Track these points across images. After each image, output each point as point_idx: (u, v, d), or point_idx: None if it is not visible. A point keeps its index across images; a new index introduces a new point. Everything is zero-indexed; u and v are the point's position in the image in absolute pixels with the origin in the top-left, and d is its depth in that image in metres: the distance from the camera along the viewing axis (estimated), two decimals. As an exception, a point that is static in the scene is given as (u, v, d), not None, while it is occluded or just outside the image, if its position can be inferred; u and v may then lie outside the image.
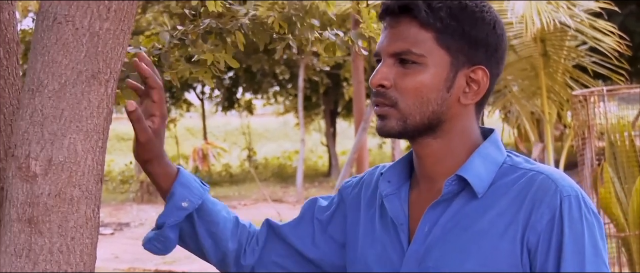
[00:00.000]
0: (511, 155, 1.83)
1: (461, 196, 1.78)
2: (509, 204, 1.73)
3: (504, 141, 20.65)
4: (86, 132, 1.70)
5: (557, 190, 1.71)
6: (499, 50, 1.81)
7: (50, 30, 1.69)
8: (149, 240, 1.99)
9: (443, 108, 1.77)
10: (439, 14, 1.75)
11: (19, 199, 1.69)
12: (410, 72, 1.76)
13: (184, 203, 1.95)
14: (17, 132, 1.71)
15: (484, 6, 1.80)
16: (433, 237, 1.78)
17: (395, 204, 1.86)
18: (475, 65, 1.78)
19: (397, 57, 1.77)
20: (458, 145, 1.81)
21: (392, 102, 1.77)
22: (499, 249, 1.71)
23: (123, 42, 1.74)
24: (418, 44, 1.75)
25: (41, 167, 1.68)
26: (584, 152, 6.70)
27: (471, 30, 1.77)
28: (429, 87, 1.75)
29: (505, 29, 1.83)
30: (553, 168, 1.80)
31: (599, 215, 1.75)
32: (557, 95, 11.52)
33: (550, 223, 1.69)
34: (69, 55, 1.69)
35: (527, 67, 11.58)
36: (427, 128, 1.78)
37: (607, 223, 6.53)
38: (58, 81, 1.68)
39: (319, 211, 2.03)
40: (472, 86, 1.79)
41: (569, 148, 12.12)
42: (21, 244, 1.69)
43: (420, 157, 1.84)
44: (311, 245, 2.02)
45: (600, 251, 1.71)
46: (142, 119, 1.80)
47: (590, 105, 6.62)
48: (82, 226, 1.72)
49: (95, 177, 1.74)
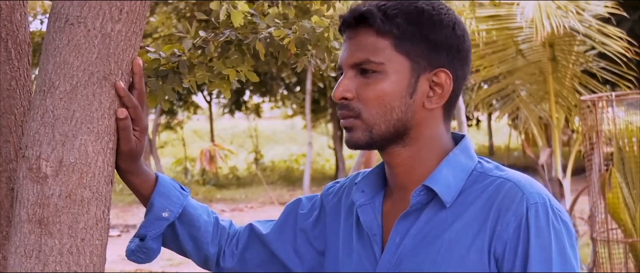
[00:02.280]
0: (482, 162, 1.81)
1: (431, 205, 1.77)
2: (477, 213, 1.72)
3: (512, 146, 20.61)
4: (97, 133, 1.71)
5: (524, 198, 1.69)
6: (462, 51, 1.79)
7: (62, 31, 1.70)
8: (132, 252, 1.99)
9: (408, 115, 1.76)
10: (395, 21, 1.74)
11: (29, 200, 1.69)
12: (371, 81, 1.75)
13: (164, 214, 1.94)
14: (28, 133, 1.71)
15: (442, 9, 1.78)
16: (404, 248, 1.77)
17: (369, 215, 1.85)
18: (437, 69, 1.76)
19: (358, 68, 1.76)
20: (428, 152, 1.80)
21: (356, 113, 1.76)
22: (468, 260, 1.70)
23: (135, 44, 1.75)
24: (376, 52, 1.74)
25: (52, 168, 1.68)
26: (592, 157, 6.68)
27: (430, 34, 1.75)
28: (391, 94, 1.75)
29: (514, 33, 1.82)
30: (522, 175, 1.77)
31: (569, 222, 1.72)
32: (565, 100, 11.50)
33: (516, 232, 1.67)
34: (81, 56, 1.69)
35: (536, 71, 11.57)
36: (394, 136, 1.77)
37: (615, 229, 6.51)
38: (69, 82, 1.68)
39: (301, 218, 2.03)
40: (436, 90, 1.77)
41: (577, 153, 12.09)
42: (31, 245, 1.69)
43: (391, 166, 1.83)
44: (292, 253, 2.02)
45: (568, 259, 1.68)
46: (129, 129, 1.78)
47: (599, 110, 6.60)
48: (92, 227, 1.72)
49: (106, 179, 1.74)
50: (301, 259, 2.01)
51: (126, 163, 1.84)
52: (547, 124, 12.04)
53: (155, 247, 1.99)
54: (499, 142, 29.56)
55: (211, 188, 20.87)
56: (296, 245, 2.01)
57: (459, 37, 1.78)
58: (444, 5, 1.80)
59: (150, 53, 2.10)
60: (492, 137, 28.13)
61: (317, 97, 25.31)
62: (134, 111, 1.78)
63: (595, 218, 6.65)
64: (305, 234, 2.01)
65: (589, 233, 8.72)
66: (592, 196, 6.71)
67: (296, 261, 2.01)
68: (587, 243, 10.70)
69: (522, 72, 11.74)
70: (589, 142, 6.77)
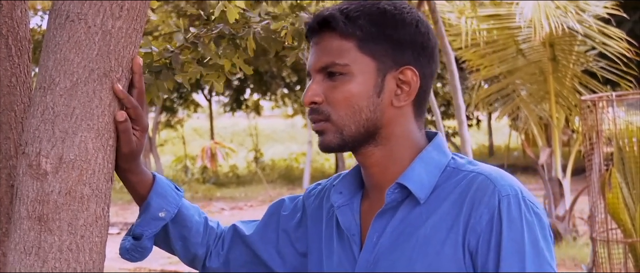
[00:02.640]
0: (455, 158, 1.83)
1: (406, 203, 1.78)
2: (450, 207, 1.73)
3: (512, 146, 20.61)
4: (97, 130, 1.70)
5: (496, 190, 1.70)
6: (427, 48, 1.81)
7: (62, 28, 1.69)
8: (126, 250, 1.99)
9: (377, 114, 1.77)
10: (358, 23, 1.76)
11: (29, 197, 1.69)
12: (338, 83, 1.76)
13: (161, 214, 1.95)
14: (28, 129, 1.71)
15: (404, 8, 1.80)
16: (381, 246, 1.78)
17: (348, 215, 1.86)
18: (403, 67, 1.78)
19: (325, 72, 1.78)
20: (401, 150, 1.81)
21: (325, 117, 1.78)
22: (443, 254, 1.71)
23: (135, 41, 1.74)
24: (341, 54, 1.76)
25: (52, 165, 1.68)
26: (592, 157, 6.68)
27: (393, 33, 1.77)
28: (358, 95, 1.76)
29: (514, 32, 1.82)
30: (494, 168, 1.78)
31: (543, 214, 1.73)
32: (565, 100, 11.51)
33: (489, 224, 1.68)
34: (81, 53, 1.69)
35: (536, 71, 11.58)
36: (366, 136, 1.78)
37: (614, 229, 6.51)
38: (70, 79, 1.68)
39: (284, 220, 2.04)
40: (403, 87, 1.78)
41: (577, 153, 12.10)
42: (31, 242, 1.69)
43: (365, 167, 1.84)
44: (275, 254, 2.03)
45: (541, 250, 1.69)
46: (129, 131, 1.77)
47: (599, 110, 6.60)
48: (91, 224, 1.72)
49: (106, 176, 1.74)
50: (283, 260, 2.02)
51: (126, 163, 1.83)
52: (547, 124, 12.05)
53: (149, 246, 1.99)
54: (499, 141, 29.57)
55: (211, 186, 20.88)
56: (278, 246, 2.02)
57: (423, 34, 1.80)
58: (407, 5, 1.82)
59: (142, 48, 2.10)
60: (492, 137, 28.13)
61: (317, 95, 25.24)
62: (134, 111, 1.77)
63: (595, 218, 6.66)
64: (288, 235, 2.02)
65: (588, 233, 8.72)
66: (592, 196, 6.71)
67: (279, 262, 2.02)
68: (587, 243, 10.70)
69: (523, 72, 11.75)
70: (589, 142, 6.77)
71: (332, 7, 1.81)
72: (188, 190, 20.40)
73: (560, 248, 11.39)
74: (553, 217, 11.80)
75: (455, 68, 7.63)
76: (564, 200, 11.80)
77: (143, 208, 1.95)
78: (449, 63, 7.64)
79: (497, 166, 1.81)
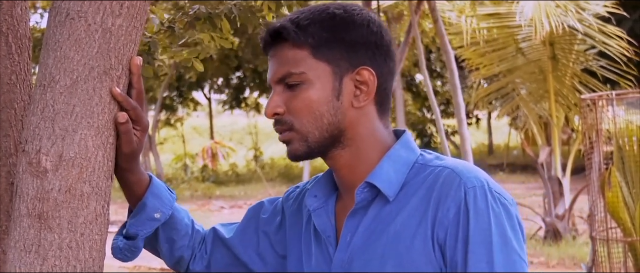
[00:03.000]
0: (423, 154, 1.85)
1: (376, 201, 1.80)
2: (419, 203, 1.75)
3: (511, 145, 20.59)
4: (97, 128, 1.70)
5: (461, 183, 1.71)
6: (381, 46, 1.82)
7: (62, 26, 1.69)
8: (120, 250, 1.99)
9: (338, 117, 1.79)
10: (309, 30, 1.78)
11: (29, 194, 1.69)
12: (297, 92, 1.79)
13: (156, 215, 1.96)
14: (28, 127, 1.71)
15: (354, 10, 1.82)
16: (354, 246, 1.80)
17: (323, 218, 1.88)
18: (358, 68, 1.80)
19: (283, 82, 1.81)
20: (368, 150, 1.83)
21: (289, 126, 1.81)
22: (413, 249, 1.72)
23: (135, 39, 1.74)
24: (297, 63, 1.79)
25: (52, 163, 1.68)
26: (592, 156, 6.68)
27: (345, 36, 1.79)
28: (318, 101, 1.78)
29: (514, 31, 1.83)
30: (461, 161, 1.80)
31: (511, 205, 1.74)
32: (565, 99, 11.51)
33: (456, 217, 1.70)
34: (81, 51, 1.68)
35: (536, 70, 11.58)
36: (331, 140, 1.81)
37: (614, 228, 6.51)
38: (70, 77, 1.68)
39: (263, 222, 2.05)
40: (361, 88, 1.80)
41: (576, 152, 12.10)
42: (31, 239, 1.69)
43: (335, 170, 1.87)
44: (255, 256, 2.04)
45: (509, 241, 1.69)
46: (130, 131, 1.77)
47: (599, 109, 6.60)
48: (91, 222, 1.72)
49: (106, 173, 1.74)
50: (264, 262, 2.04)
51: (126, 162, 1.83)
52: (547, 123, 12.06)
53: (141, 246, 2.00)
54: (499, 140, 29.57)
55: (210, 185, 20.88)
56: (259, 249, 2.04)
57: (376, 33, 1.82)
58: (357, 6, 1.84)
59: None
60: (492, 136, 28.14)
61: (317, 94, 25.26)
62: (134, 112, 1.77)
63: (594, 217, 6.66)
64: (268, 238, 2.03)
65: (588, 232, 8.72)
66: (591, 195, 6.71)
67: (260, 264, 2.04)
68: (586, 242, 10.70)
69: (522, 71, 11.76)
70: (588, 140, 6.77)
71: (284, 18, 1.84)
72: (188, 189, 20.40)
73: (560, 247, 11.39)
74: (552, 216, 11.81)
75: (454, 67, 7.64)
76: (563, 199, 11.80)
77: (138, 209, 1.95)
78: (449, 61, 7.64)
79: (497, 165, 1.83)
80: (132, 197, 1.95)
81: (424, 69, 8.41)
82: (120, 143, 1.77)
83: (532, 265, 10.76)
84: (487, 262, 1.67)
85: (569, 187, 12.02)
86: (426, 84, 8.50)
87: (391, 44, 1.85)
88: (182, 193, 19.86)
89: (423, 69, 8.40)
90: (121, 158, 1.80)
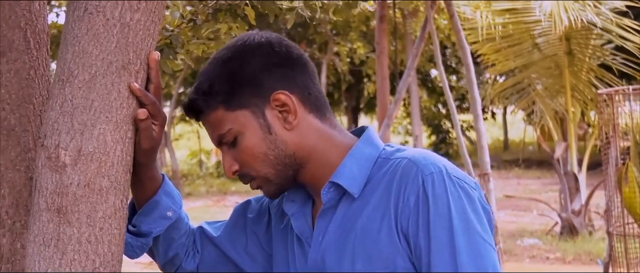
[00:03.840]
0: (386, 148, 1.87)
1: (344, 200, 1.84)
2: (381, 196, 1.78)
3: (527, 140, 20.48)
4: (116, 122, 1.71)
5: (419, 171, 1.74)
6: (281, 63, 1.85)
7: (81, 20, 1.70)
8: (132, 247, 1.98)
9: (281, 146, 1.83)
10: (212, 91, 1.83)
11: (48, 189, 1.69)
12: (237, 146, 1.85)
13: (169, 213, 1.97)
14: (46, 122, 1.71)
15: (238, 45, 1.85)
16: (326, 245, 1.84)
17: (301, 221, 1.92)
18: (271, 95, 1.82)
19: (223, 144, 1.86)
20: (327, 156, 1.86)
21: (251, 176, 1.87)
22: (380, 242, 1.75)
23: (153, 33, 1.74)
24: (221, 124, 1.84)
25: (71, 157, 1.68)
26: (609, 151, 6.65)
27: (244, 76, 1.82)
28: (256, 144, 1.83)
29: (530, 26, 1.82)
30: (419, 150, 1.83)
31: (472, 188, 1.76)
32: (581, 94, 11.47)
33: (416, 205, 1.72)
34: (100, 45, 1.69)
35: (552, 65, 11.54)
36: (291, 168, 1.85)
37: (631, 223, 6.48)
38: (88, 72, 1.68)
39: (251, 221, 2.07)
40: (285, 110, 1.83)
41: (593, 147, 12.06)
42: (50, 234, 1.69)
43: (306, 184, 1.90)
44: (245, 255, 2.05)
45: (471, 223, 1.71)
46: (150, 127, 1.78)
47: (616, 104, 6.57)
48: (110, 216, 1.72)
49: (125, 168, 1.74)
50: (253, 261, 2.05)
51: (145, 157, 1.84)
52: (563, 118, 12.02)
53: (151, 243, 2.00)
54: (514, 136, 29.49)
55: (226, 180, 20.90)
56: (247, 248, 2.05)
57: (269, 55, 1.84)
58: (239, 39, 1.87)
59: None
60: (507, 131, 28.07)
61: (331, 90, 25.31)
62: (153, 107, 1.78)
63: (611, 212, 6.63)
64: (257, 237, 2.05)
65: (604, 228, 8.68)
66: (608, 190, 6.68)
67: (249, 262, 2.05)
68: (603, 237, 10.66)
69: (538, 66, 11.72)
70: (605, 135, 6.74)
71: (190, 91, 1.89)
72: (203, 185, 20.44)
73: (576, 243, 11.36)
74: (569, 212, 11.78)
75: (470, 62, 7.61)
76: (579, 195, 11.77)
77: (150, 206, 1.95)
78: (465, 57, 7.62)
79: (512, 160, 1.84)
80: (144, 194, 1.94)
81: (439, 65, 8.39)
82: (140, 139, 1.78)
83: (548, 261, 10.73)
84: (449, 247, 1.70)
85: (585, 182, 11.98)
86: (442, 79, 8.48)
87: (290, 53, 1.87)
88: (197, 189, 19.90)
89: (439, 64, 8.37)
90: (140, 154, 1.80)
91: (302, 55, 1.88)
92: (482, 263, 1.69)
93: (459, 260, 1.68)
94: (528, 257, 11.00)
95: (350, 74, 23.78)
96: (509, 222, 13.38)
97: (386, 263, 1.74)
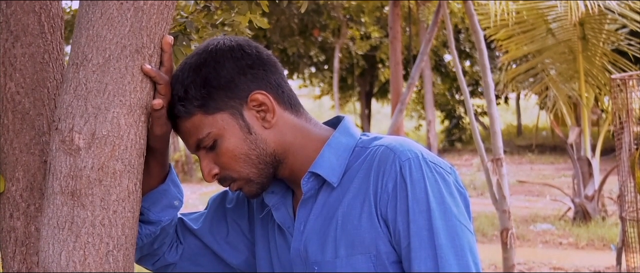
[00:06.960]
0: (362, 137, 1.90)
1: (324, 189, 1.87)
2: (361, 183, 1.81)
3: (540, 126, 20.43)
4: (129, 106, 1.71)
5: (396, 157, 1.78)
6: (254, 65, 1.86)
7: (95, 4, 1.70)
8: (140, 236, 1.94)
9: (261, 146, 1.85)
10: (188, 96, 1.82)
11: (62, 172, 1.70)
12: (217, 150, 1.86)
13: (175, 202, 1.98)
14: (61, 105, 1.72)
15: (207, 54, 1.84)
16: (307, 233, 1.87)
17: (282, 212, 1.94)
18: (247, 96, 1.84)
19: (201, 148, 1.86)
20: (305, 151, 1.88)
21: (231, 179, 1.87)
22: (361, 228, 1.79)
23: (167, 17, 1.75)
24: (199, 129, 1.84)
25: (85, 141, 1.69)
26: (622, 137, 6.63)
27: (218, 79, 1.83)
28: (236, 146, 1.84)
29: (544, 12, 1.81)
30: (395, 137, 1.86)
31: (448, 173, 1.80)
32: (595, 79, 11.43)
33: (394, 190, 1.76)
34: (114, 29, 1.69)
35: (565, 50, 11.50)
36: (271, 166, 1.87)
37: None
38: (102, 55, 1.69)
39: (232, 212, 2.07)
40: (262, 109, 1.85)
41: (606, 133, 12.03)
42: (64, 217, 1.70)
43: (285, 178, 1.92)
44: (226, 245, 2.06)
45: (448, 207, 1.75)
46: (164, 115, 1.81)
47: (629, 89, 6.55)
48: (124, 199, 1.73)
49: (138, 151, 1.75)
50: (236, 250, 2.06)
51: (158, 143, 1.85)
52: (576, 103, 11.98)
53: (158, 231, 1.98)
54: (528, 121, 29.42)
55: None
56: (228, 237, 2.06)
57: (241, 57, 1.85)
58: (209, 44, 1.87)
59: None
60: (521, 117, 28.00)
61: (344, 75, 25.28)
62: (166, 87, 1.79)
63: (624, 197, 6.62)
64: (239, 227, 2.06)
65: (617, 213, 8.67)
66: (621, 175, 6.67)
67: (230, 251, 2.06)
68: (616, 222, 10.64)
69: (552, 51, 11.68)
70: (619, 121, 6.72)
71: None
72: (216, 170, 20.43)
73: (589, 228, 11.35)
74: (582, 197, 11.75)
75: (484, 46, 7.58)
76: (593, 180, 11.74)
77: (158, 194, 1.94)
78: (478, 42, 7.59)
79: (526, 146, 1.85)
80: (149, 182, 1.92)
81: (453, 49, 8.36)
82: (152, 125, 1.79)
83: (561, 246, 10.73)
84: (427, 230, 1.74)
85: (599, 167, 11.95)
86: (455, 64, 8.46)
87: (260, 54, 1.88)
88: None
89: (452, 49, 8.35)
90: (153, 140, 1.81)
91: (270, 55, 1.90)
92: (458, 244, 1.74)
93: (437, 242, 1.73)
94: (541, 242, 11.00)
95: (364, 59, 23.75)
96: (522, 207, 13.38)
97: (368, 248, 1.78)
